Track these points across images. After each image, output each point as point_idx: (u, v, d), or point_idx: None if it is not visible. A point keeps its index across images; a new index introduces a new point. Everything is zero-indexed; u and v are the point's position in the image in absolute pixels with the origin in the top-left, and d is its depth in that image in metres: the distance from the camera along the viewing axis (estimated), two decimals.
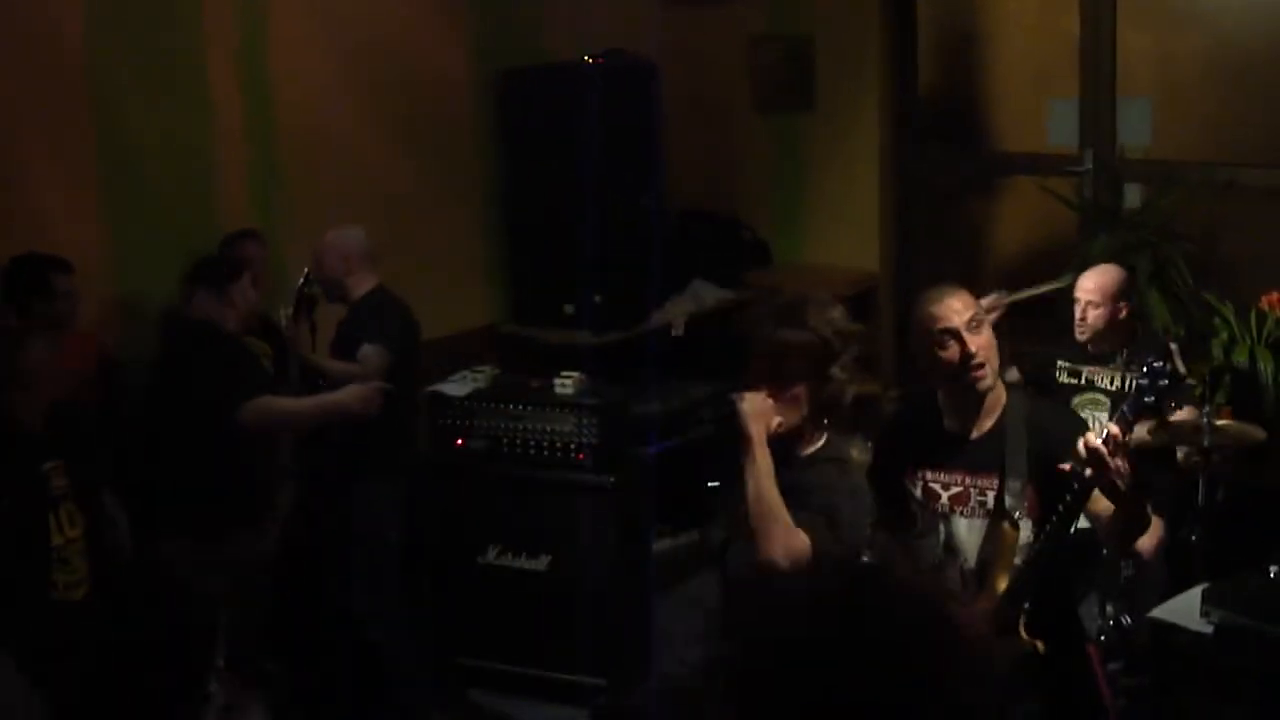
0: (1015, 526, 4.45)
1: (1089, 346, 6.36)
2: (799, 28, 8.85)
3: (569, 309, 7.82)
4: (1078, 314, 6.36)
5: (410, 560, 6.64)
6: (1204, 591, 5.14)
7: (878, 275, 8.70)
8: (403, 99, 7.81)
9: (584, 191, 8.02)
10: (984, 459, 4.51)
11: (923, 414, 4.68)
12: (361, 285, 6.61)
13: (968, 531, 4.56)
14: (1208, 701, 5.11)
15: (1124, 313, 6.33)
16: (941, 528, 4.63)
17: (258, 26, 7.17)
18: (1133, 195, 7.84)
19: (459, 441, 6.81)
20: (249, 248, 6.75)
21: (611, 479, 6.61)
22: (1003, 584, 4.50)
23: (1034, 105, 8.63)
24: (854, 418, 7.17)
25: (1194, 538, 5.87)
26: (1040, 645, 4.46)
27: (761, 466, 4.16)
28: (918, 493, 4.65)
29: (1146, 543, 4.84)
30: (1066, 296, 6.53)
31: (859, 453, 6.47)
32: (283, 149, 7.32)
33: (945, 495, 4.60)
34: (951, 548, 4.62)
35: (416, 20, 7.91)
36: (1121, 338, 6.34)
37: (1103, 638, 5.73)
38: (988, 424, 4.53)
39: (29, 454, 4.98)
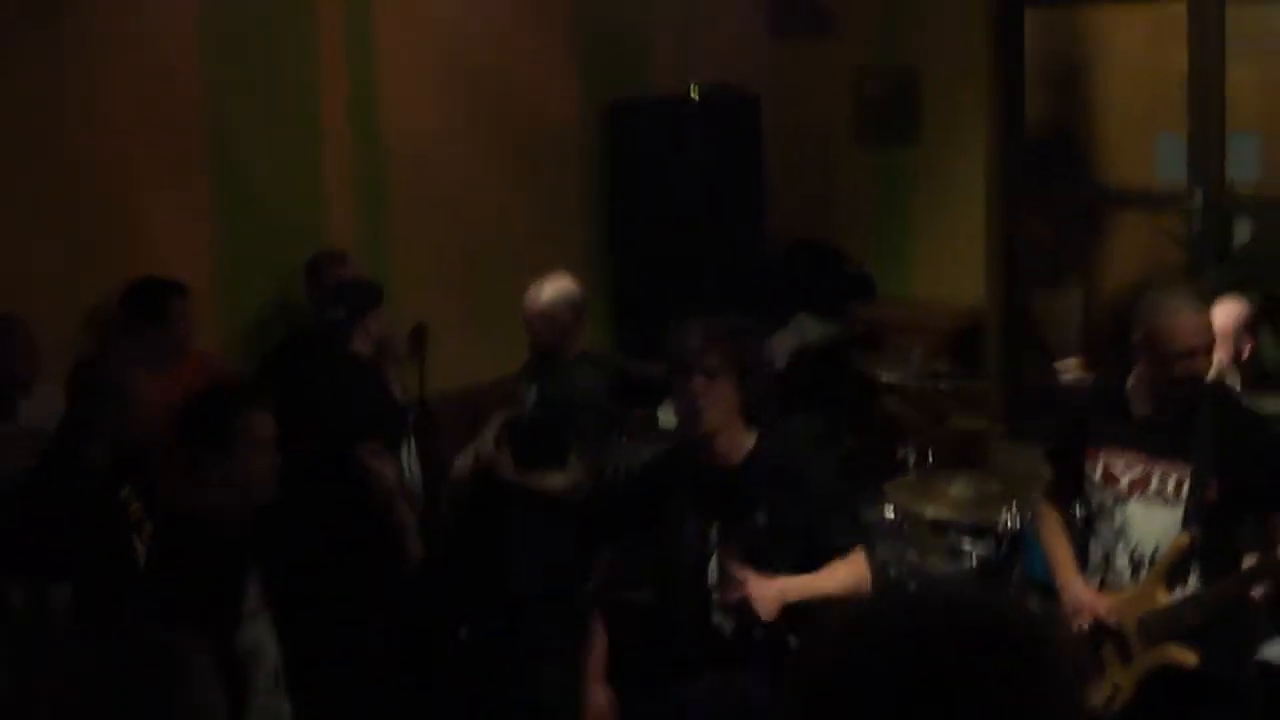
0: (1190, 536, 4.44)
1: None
2: (904, 60, 8.85)
3: None
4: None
5: None
6: None
7: (984, 310, 8.65)
8: (512, 130, 7.91)
9: (689, 223, 8.04)
10: (1168, 444, 4.52)
11: (1108, 395, 4.69)
12: (573, 348, 6.38)
13: (1144, 517, 4.56)
14: None
15: (1246, 353, 6.11)
16: (1117, 513, 4.63)
17: (369, 52, 7.29)
18: (1242, 231, 7.75)
19: None
20: (338, 269, 6.77)
21: None
22: (1160, 586, 4.49)
23: (1142, 140, 8.55)
24: (961, 455, 7.12)
25: None
26: (1191, 659, 4.42)
27: None
28: (1096, 476, 4.65)
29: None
30: None
31: (962, 489, 6.41)
32: (391, 181, 7.43)
33: (1124, 480, 4.59)
34: (1124, 533, 4.62)
35: (528, 52, 8.00)
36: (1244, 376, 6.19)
37: None
38: (1176, 411, 4.55)
39: (106, 484, 4.98)
